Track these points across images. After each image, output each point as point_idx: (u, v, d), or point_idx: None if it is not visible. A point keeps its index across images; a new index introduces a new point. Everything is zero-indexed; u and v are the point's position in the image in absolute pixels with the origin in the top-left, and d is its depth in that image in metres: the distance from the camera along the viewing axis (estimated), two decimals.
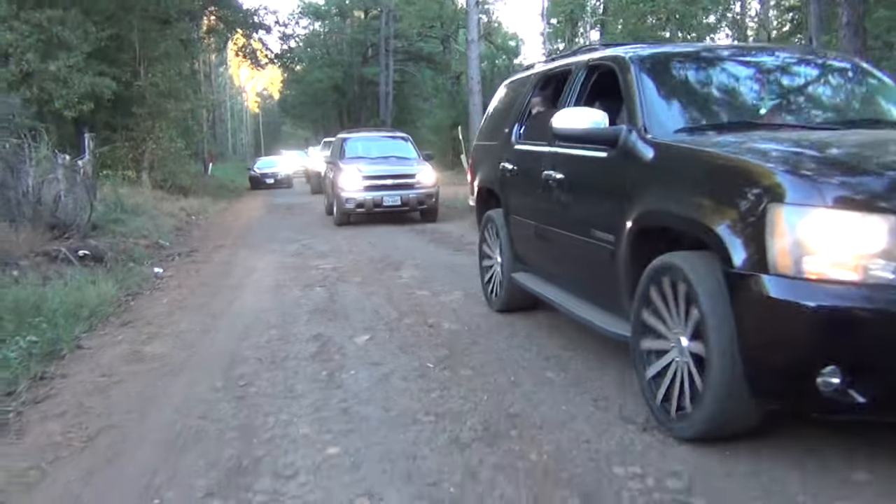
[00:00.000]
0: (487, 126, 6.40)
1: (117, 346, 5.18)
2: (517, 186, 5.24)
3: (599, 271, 3.87)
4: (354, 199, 13.01)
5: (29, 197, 10.00)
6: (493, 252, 5.77)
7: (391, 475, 2.91)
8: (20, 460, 3.22)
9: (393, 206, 13.09)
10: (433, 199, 13.51)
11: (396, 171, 13.48)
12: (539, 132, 4.88)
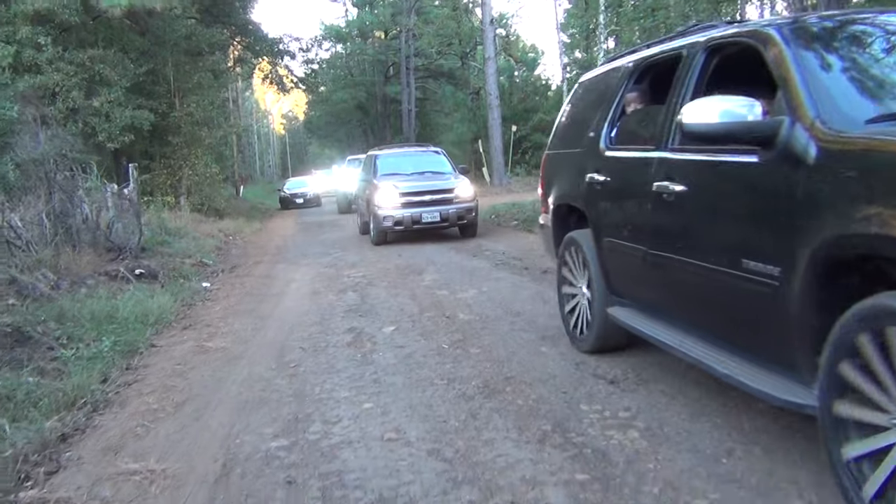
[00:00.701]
0: (564, 131, 5.53)
1: (184, 344, 6.17)
2: (612, 202, 4.37)
3: (755, 314, 2.96)
4: (392, 216, 12.59)
5: (89, 223, 11.10)
6: (577, 281, 4.89)
7: (412, 418, 3.84)
8: (128, 421, 4.20)
9: (432, 223, 12.67)
10: (473, 213, 13.02)
11: (434, 187, 13.02)
12: (641, 134, 4.14)
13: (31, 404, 4.43)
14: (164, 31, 21.15)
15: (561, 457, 3.20)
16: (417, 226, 12.64)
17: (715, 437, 3.26)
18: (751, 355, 3.06)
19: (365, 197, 14.21)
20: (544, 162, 5.78)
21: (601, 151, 4.55)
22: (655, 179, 3.65)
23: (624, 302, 4.33)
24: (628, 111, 4.57)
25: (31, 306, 7.06)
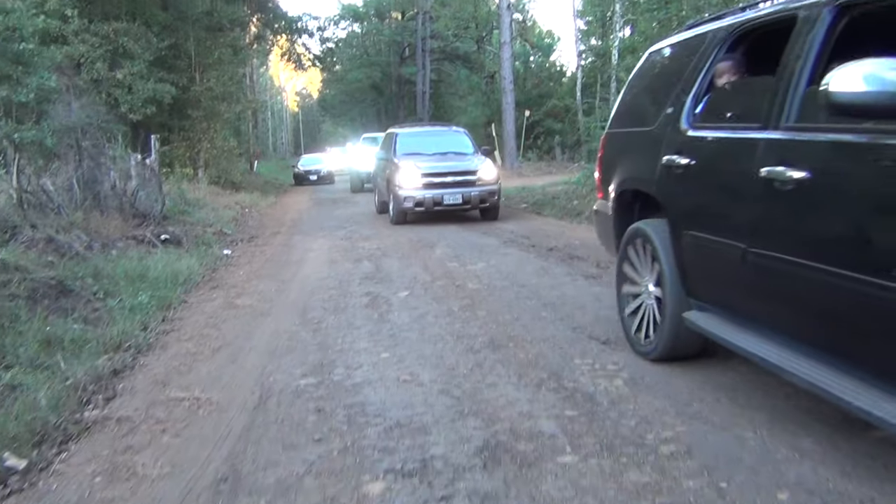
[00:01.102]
0: (630, 107, 5.01)
1: (214, 301, 6.69)
2: (698, 190, 3.78)
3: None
4: (413, 197, 12.28)
5: (116, 190, 11.61)
6: (642, 278, 4.32)
7: (424, 365, 4.34)
8: (171, 361, 4.71)
9: (454, 205, 12.34)
10: (495, 196, 12.69)
11: (457, 168, 12.64)
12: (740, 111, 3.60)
13: (80, 346, 4.95)
14: (186, 6, 21.61)
15: (554, 398, 3.69)
16: (438, 207, 12.30)
17: (689, 388, 3.74)
18: (891, 384, 2.49)
19: (384, 176, 13.87)
20: (604, 142, 5.22)
21: (682, 130, 3.97)
22: (764, 164, 3.09)
23: (705, 306, 3.74)
24: (719, 84, 3.96)
25: (69, 264, 7.58)
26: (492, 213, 12.90)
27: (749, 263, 3.21)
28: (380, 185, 14.88)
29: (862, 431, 3.00)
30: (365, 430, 3.39)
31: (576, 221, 11.91)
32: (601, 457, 2.98)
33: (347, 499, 2.74)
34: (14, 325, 5.25)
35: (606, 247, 5.25)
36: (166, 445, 3.34)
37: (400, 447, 3.17)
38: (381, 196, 14.58)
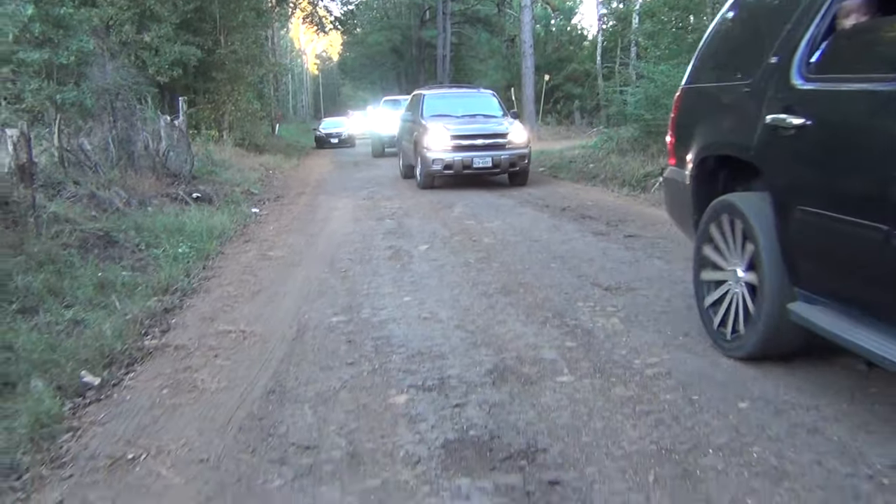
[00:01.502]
0: (717, 56, 4.31)
1: (248, 253, 7.21)
2: (816, 157, 3.17)
3: None
4: (442, 160, 11.99)
5: (149, 150, 12.14)
6: (728, 262, 3.73)
7: (442, 306, 4.84)
8: (215, 302, 5.25)
9: (483, 168, 12.09)
10: (525, 160, 12.38)
11: (487, 130, 12.40)
12: (875, 59, 2.99)
13: (131, 289, 5.48)
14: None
15: (557, 332, 4.18)
16: (468, 170, 12.04)
17: (677, 325, 4.21)
18: None
19: (411, 138, 13.48)
20: (679, 99, 4.53)
21: (792, 84, 3.35)
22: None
23: (817, 297, 3.18)
24: (842, 26, 3.27)
25: (111, 218, 8.13)
26: (521, 178, 12.62)
27: (893, 249, 2.63)
28: (405, 148, 14.56)
29: (821, 359, 3.46)
30: (390, 357, 3.90)
31: (590, 184, 12.33)
32: (593, 377, 3.47)
33: (377, 406, 3.25)
34: (70, 271, 5.80)
35: (679, 223, 4.61)
36: (220, 367, 3.87)
37: (421, 369, 3.68)
38: (407, 159, 14.34)
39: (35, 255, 5.94)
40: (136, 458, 2.84)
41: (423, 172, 12.45)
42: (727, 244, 3.72)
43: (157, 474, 2.71)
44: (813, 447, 2.68)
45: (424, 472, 2.63)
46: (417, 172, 12.88)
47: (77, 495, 2.59)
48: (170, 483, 2.65)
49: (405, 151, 14.54)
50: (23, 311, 4.78)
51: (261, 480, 2.63)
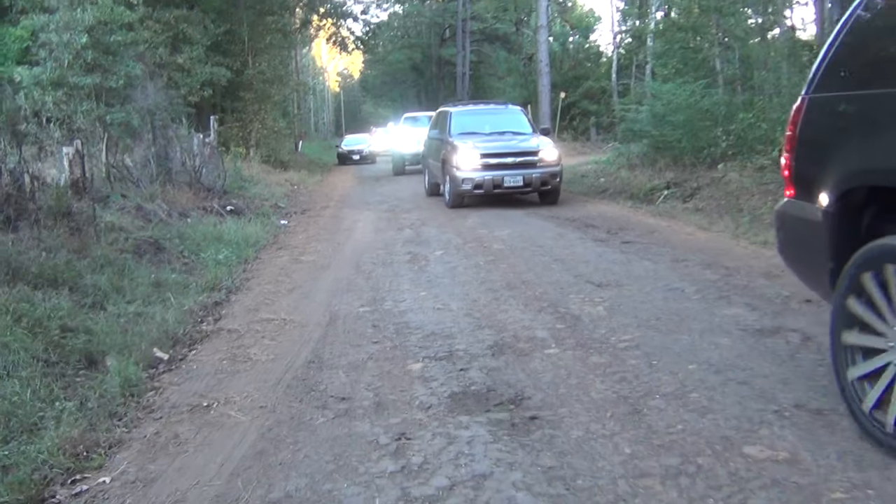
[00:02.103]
0: (859, 56, 3.38)
1: (282, 258, 8.03)
2: None
3: None
4: (472, 179, 11.60)
5: (186, 167, 13.06)
6: (890, 325, 2.86)
7: (454, 299, 5.62)
8: (257, 298, 6.05)
9: (514, 188, 11.69)
10: (557, 178, 12.01)
11: (517, 148, 12.08)
12: None
13: (183, 287, 6.30)
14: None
15: (549, 318, 4.94)
16: (498, 190, 11.67)
17: (651, 312, 4.94)
18: None
19: (439, 156, 13.08)
20: (801, 111, 3.58)
21: None
22: None
23: None
24: None
25: (157, 227, 9.00)
26: (552, 197, 12.23)
27: None
28: (431, 166, 14.28)
29: (761, 338, 4.21)
30: (408, 337, 4.68)
31: (599, 198, 13.07)
32: (575, 350, 4.23)
33: (398, 372, 4.03)
34: (128, 272, 6.63)
35: (802, 270, 3.77)
36: (267, 344, 4.67)
37: (433, 345, 4.45)
38: (433, 178, 14.11)
39: (97, 259, 6.78)
40: (210, 406, 3.63)
41: (453, 192, 12.10)
42: (891, 302, 2.84)
43: (227, 415, 3.50)
44: (738, 393, 3.42)
45: (435, 413, 3.40)
46: (446, 191, 12.56)
47: (169, 429, 3.39)
48: (239, 420, 3.43)
49: (431, 169, 14.32)
50: (94, 304, 5.61)
51: (308, 418, 3.41)
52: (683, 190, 12.02)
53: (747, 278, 5.92)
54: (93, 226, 7.68)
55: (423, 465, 2.87)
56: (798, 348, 4.07)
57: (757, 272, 6.13)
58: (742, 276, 5.99)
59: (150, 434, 3.34)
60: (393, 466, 2.87)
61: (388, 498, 2.63)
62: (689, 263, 6.62)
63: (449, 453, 2.96)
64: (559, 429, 3.14)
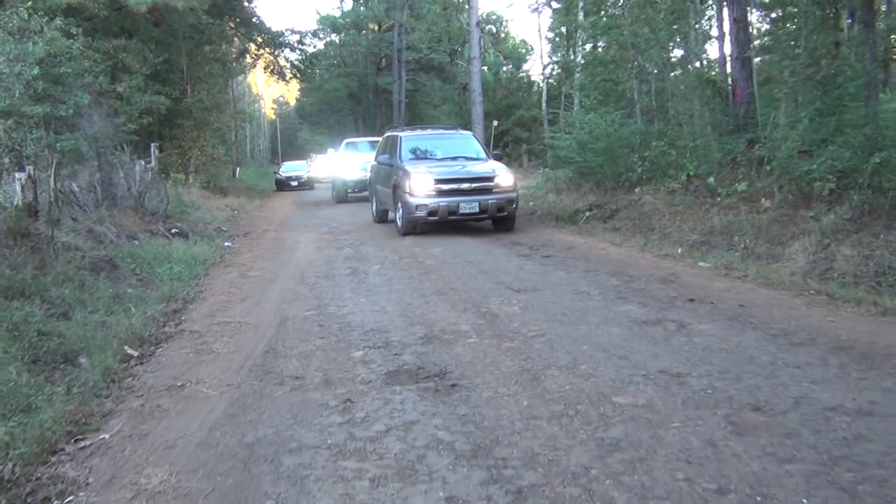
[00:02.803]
0: None
1: (231, 273, 8.67)
2: None
3: None
4: (426, 205, 11.24)
5: (132, 192, 13.53)
6: None
7: (389, 303, 6.38)
8: (212, 306, 6.70)
9: (470, 214, 11.43)
10: (513, 205, 11.79)
11: (472, 174, 11.77)
12: None
13: (142, 300, 6.90)
14: (176, 22, 23.50)
15: (472, 315, 5.75)
16: (453, 217, 11.36)
17: (559, 310, 5.79)
18: None
19: (389, 182, 12.66)
20: None
21: None
22: None
23: None
24: None
25: (108, 248, 9.52)
26: (508, 224, 12.07)
27: None
28: (379, 192, 13.97)
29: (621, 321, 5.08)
30: (350, 333, 5.42)
31: (528, 220, 13.99)
32: (491, 339, 5.04)
33: (342, 358, 4.76)
34: (87, 287, 7.19)
35: None
36: (227, 341, 5.35)
37: (372, 338, 5.21)
38: (381, 204, 13.92)
39: (58, 275, 7.32)
40: (184, 385, 4.31)
41: (405, 218, 11.69)
42: None
43: (200, 391, 4.18)
44: (617, 365, 4.27)
45: (374, 385, 4.15)
46: (397, 218, 12.11)
47: (151, 402, 4.05)
48: (210, 395, 4.12)
49: (379, 196, 14.01)
50: (62, 314, 6.18)
51: (269, 391, 4.12)
52: (604, 211, 13.05)
53: (645, 283, 6.85)
54: (51, 245, 8.20)
55: (364, 418, 3.62)
56: (673, 333, 4.96)
57: (655, 279, 7.07)
58: (641, 282, 6.92)
59: (136, 406, 4.00)
60: (341, 419, 3.62)
61: (338, 439, 3.37)
62: (598, 273, 7.54)
63: (385, 410, 3.72)
64: (473, 391, 3.93)
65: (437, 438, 3.31)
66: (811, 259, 7.94)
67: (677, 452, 3.03)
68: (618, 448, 3.10)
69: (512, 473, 2.91)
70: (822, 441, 3.09)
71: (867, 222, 8.36)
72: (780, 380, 3.90)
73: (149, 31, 23.43)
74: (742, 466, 2.87)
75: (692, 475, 2.82)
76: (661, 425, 3.33)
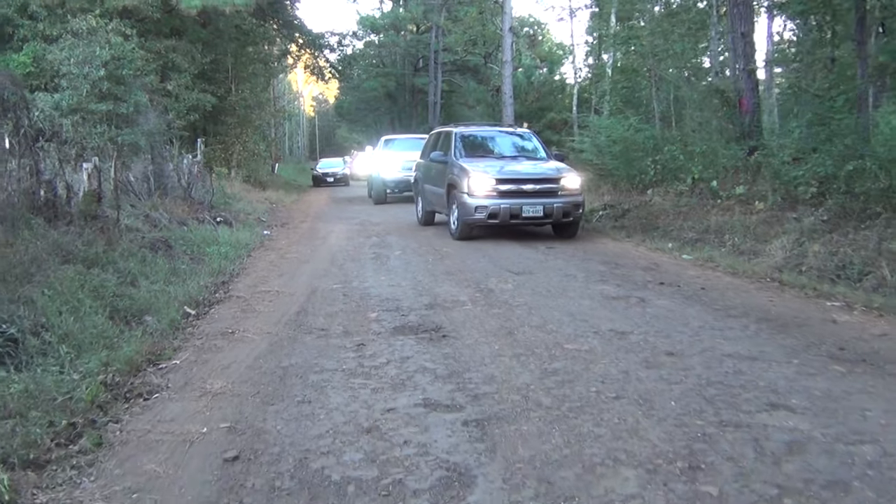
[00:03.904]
0: None
1: (270, 255, 9.85)
2: None
3: None
4: (486, 207, 10.43)
5: (181, 182, 14.84)
6: None
7: (405, 280, 7.50)
8: (255, 279, 7.87)
9: (533, 218, 10.61)
10: (580, 209, 11.03)
11: (537, 174, 11.07)
12: None
13: (195, 274, 8.09)
14: (224, 24, 24.92)
15: (472, 290, 6.84)
16: (515, 221, 10.58)
17: (545, 288, 6.85)
18: None
19: (442, 181, 11.82)
20: None
21: None
22: None
23: None
24: None
25: (163, 231, 10.75)
26: (571, 230, 11.22)
27: None
28: (428, 192, 13.11)
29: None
30: (368, 301, 6.54)
31: None
32: (484, 307, 6.12)
33: (360, 318, 5.88)
34: (148, 262, 8.40)
35: None
36: (268, 303, 6.51)
37: (386, 304, 6.32)
38: (429, 205, 13.18)
39: (124, 251, 8.56)
40: (234, 332, 5.46)
41: (461, 221, 10.89)
42: None
43: (247, 336, 5.33)
44: (577, 326, 5.32)
45: (382, 335, 5.26)
46: (452, 221, 11.31)
47: (209, 343, 5.21)
48: (254, 339, 5.26)
49: (427, 196, 13.21)
50: (130, 282, 7.38)
51: (300, 338, 5.25)
52: (616, 211, 14.02)
53: (628, 270, 7.88)
54: (116, 226, 9.46)
55: (371, 355, 4.73)
56: (632, 306, 6.02)
57: (638, 267, 8.10)
58: (624, 269, 7.95)
59: (197, 344, 5.17)
60: (353, 355, 4.74)
61: (350, 366, 4.49)
62: (591, 261, 8.58)
63: (388, 350, 4.84)
64: (458, 340, 5.03)
65: (423, 367, 4.41)
66: (787, 255, 8.87)
67: (597, 377, 4.09)
68: (555, 374, 4.18)
69: (473, 387, 4.00)
70: (708, 373, 4.13)
71: (840, 223, 9.26)
72: (700, 337, 4.94)
73: (197, 32, 24.84)
74: (640, 386, 3.93)
75: (601, 389, 3.88)
76: (593, 362, 4.39)
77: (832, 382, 3.95)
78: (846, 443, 3.13)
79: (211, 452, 3.22)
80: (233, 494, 2.81)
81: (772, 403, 3.62)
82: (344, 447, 3.23)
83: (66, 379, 4.09)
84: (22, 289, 6.10)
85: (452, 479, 2.87)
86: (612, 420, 3.45)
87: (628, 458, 3.02)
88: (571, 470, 2.92)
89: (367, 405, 3.77)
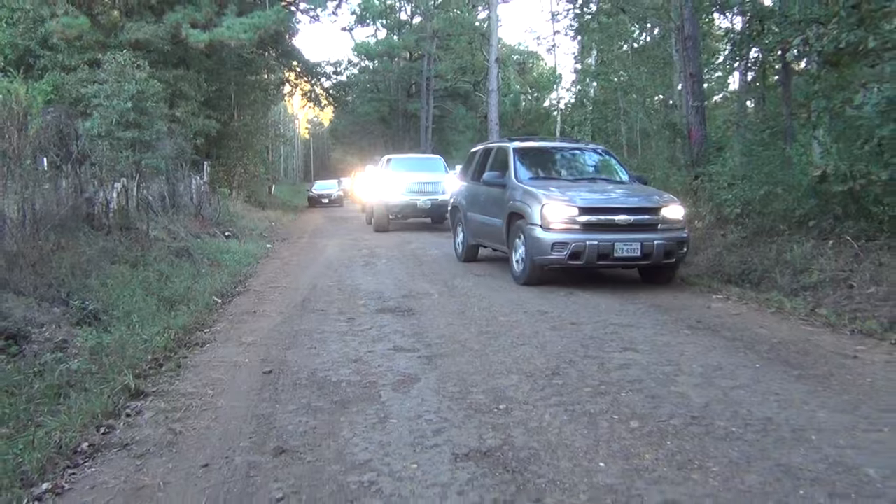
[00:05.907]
0: None
1: (275, 263, 11.61)
2: None
3: None
4: (565, 244, 8.20)
5: (193, 200, 16.61)
6: None
7: (388, 279, 9.27)
8: (265, 279, 9.62)
9: (628, 259, 8.37)
10: (685, 248, 8.82)
11: (629, 202, 8.75)
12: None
13: (215, 276, 9.84)
14: (227, 54, 26.83)
15: (440, 286, 8.61)
16: (603, 262, 8.42)
17: (499, 284, 8.60)
18: None
19: (501, 209, 9.66)
20: None
21: None
22: None
23: None
24: None
25: (182, 242, 12.51)
26: (669, 274, 9.02)
27: None
28: (474, 222, 10.93)
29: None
30: (358, 293, 8.30)
31: None
32: (447, 297, 7.89)
33: (351, 303, 7.64)
34: (174, 266, 10.15)
35: None
36: (279, 294, 8.27)
37: (372, 295, 8.09)
38: (475, 238, 11.03)
39: (156, 257, 10.31)
40: (255, 312, 7.21)
41: (532, 261, 8.62)
42: None
43: (265, 314, 7.09)
44: (513, 308, 7.09)
45: (367, 314, 7.02)
46: (515, 260, 9.10)
47: (238, 318, 6.96)
48: (271, 315, 7.02)
49: (475, 226, 10.94)
50: (166, 280, 9.13)
51: (305, 315, 7.00)
52: None
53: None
54: (147, 237, 11.22)
55: (359, 324, 6.50)
56: (562, 297, 7.78)
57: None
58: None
59: (230, 319, 6.93)
60: (346, 324, 6.51)
61: (343, 329, 6.25)
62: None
63: (372, 321, 6.61)
64: (423, 317, 6.81)
65: (396, 330, 6.19)
66: (709, 265, 10.68)
67: (516, 335, 5.89)
68: (486, 333, 5.97)
69: (428, 339, 5.78)
70: (592, 332, 5.93)
71: (755, 239, 11.07)
72: (602, 315, 6.73)
73: (202, 62, 26.71)
74: (538, 338, 5.72)
75: (514, 340, 5.68)
76: (515, 326, 6.19)
77: (675, 338, 5.74)
78: (658, 365, 4.91)
79: (253, 370, 4.99)
80: (270, 387, 4.57)
81: (625, 347, 5.42)
82: (339, 367, 5.00)
83: (141, 337, 5.83)
84: (87, 280, 7.87)
85: (406, 379, 4.65)
86: (515, 354, 5.23)
87: (517, 371, 4.80)
88: (479, 376, 4.70)
89: (354, 350, 5.54)
